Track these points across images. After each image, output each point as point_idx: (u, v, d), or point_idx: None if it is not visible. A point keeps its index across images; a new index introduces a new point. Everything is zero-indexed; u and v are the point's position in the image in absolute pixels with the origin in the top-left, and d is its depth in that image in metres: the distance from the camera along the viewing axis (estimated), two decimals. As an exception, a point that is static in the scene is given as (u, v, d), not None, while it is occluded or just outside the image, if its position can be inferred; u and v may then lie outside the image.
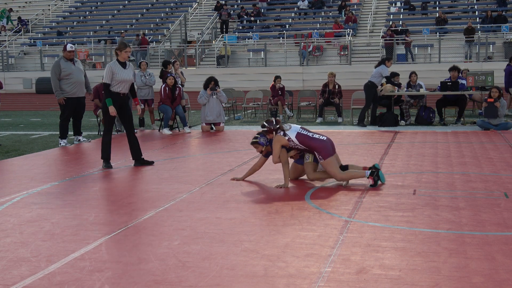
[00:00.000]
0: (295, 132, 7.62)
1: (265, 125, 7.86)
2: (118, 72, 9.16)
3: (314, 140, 7.55)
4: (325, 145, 7.52)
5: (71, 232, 5.70)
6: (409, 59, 27.36)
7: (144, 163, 9.41)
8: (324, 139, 7.58)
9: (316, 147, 7.52)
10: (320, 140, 7.55)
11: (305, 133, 7.63)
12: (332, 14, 32.48)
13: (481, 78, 14.72)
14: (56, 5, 39.46)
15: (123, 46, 9.27)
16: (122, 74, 9.19)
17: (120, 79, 9.18)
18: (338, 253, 4.92)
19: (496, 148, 10.55)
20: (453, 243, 5.12)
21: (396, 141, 11.59)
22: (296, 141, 7.58)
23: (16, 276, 4.54)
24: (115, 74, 9.14)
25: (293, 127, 7.73)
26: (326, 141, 7.56)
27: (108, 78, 9.15)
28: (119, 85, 9.20)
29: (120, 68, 9.20)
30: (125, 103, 9.46)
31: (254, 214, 6.27)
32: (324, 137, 7.63)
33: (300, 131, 7.65)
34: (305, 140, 7.57)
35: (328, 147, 7.52)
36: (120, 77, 9.16)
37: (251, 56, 29.55)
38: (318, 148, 7.51)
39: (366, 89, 14.32)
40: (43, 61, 30.91)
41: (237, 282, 4.32)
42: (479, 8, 30.89)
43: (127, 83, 9.30)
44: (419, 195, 7.00)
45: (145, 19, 35.85)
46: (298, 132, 7.62)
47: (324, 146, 7.51)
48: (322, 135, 7.69)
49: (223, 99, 14.00)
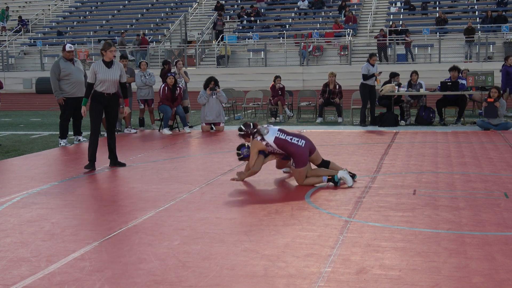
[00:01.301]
0: (273, 137, 7.51)
1: (242, 129, 7.78)
2: (100, 71, 9.10)
3: (292, 145, 7.44)
4: (302, 153, 7.41)
5: (71, 232, 5.70)
6: (409, 59, 27.36)
7: (117, 164, 9.39)
8: (301, 146, 7.43)
9: (293, 153, 7.45)
10: (297, 146, 7.42)
11: (284, 137, 7.50)
12: (332, 14, 32.47)
13: (481, 78, 14.72)
14: (56, 5, 39.44)
15: (108, 45, 9.23)
16: (105, 73, 9.12)
17: (102, 79, 9.10)
18: (338, 253, 4.92)
19: (496, 148, 10.55)
20: (453, 243, 5.12)
21: (396, 141, 11.59)
22: (274, 145, 7.50)
23: (16, 276, 4.54)
24: (97, 73, 9.09)
25: (271, 130, 7.58)
26: (304, 148, 7.42)
27: (91, 77, 9.13)
28: (102, 84, 9.12)
29: (103, 67, 9.15)
30: (111, 103, 9.33)
31: (254, 214, 6.27)
32: (302, 142, 7.47)
33: (278, 134, 7.51)
34: (283, 145, 7.47)
35: (304, 156, 7.42)
36: (102, 76, 9.09)
37: (251, 56, 29.54)
38: (295, 154, 7.44)
39: (360, 90, 14.46)
40: (43, 61, 30.89)
41: (237, 282, 4.32)
42: (479, 8, 30.88)
43: (110, 83, 9.20)
44: (419, 195, 7.00)
45: (145, 19, 35.84)
46: (276, 136, 7.51)
47: (301, 154, 7.41)
48: (301, 138, 7.53)
49: (223, 99, 14.00)
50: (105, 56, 9.24)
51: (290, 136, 7.51)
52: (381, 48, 27.37)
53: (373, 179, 7.94)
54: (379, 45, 27.38)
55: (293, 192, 7.38)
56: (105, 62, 9.21)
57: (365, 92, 14.19)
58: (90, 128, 9.37)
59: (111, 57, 9.28)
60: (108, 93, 9.22)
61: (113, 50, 9.27)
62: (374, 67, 14.17)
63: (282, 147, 7.49)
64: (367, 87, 14.20)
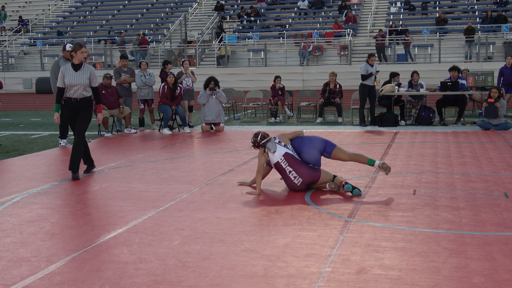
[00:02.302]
0: (276, 160, 7.22)
1: (251, 139, 7.51)
2: (67, 75, 8.46)
3: (288, 179, 7.21)
4: (294, 188, 7.23)
5: (71, 232, 5.70)
6: (408, 59, 27.36)
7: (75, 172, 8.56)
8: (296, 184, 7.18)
9: (287, 184, 7.29)
10: (292, 183, 7.20)
11: (285, 166, 7.17)
12: (332, 14, 32.46)
13: (481, 78, 14.72)
14: (56, 5, 39.43)
15: (79, 46, 8.59)
16: (71, 77, 8.47)
17: (69, 83, 8.45)
18: (338, 253, 4.92)
19: (496, 148, 10.55)
20: (453, 243, 5.12)
21: (396, 141, 11.59)
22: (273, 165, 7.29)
23: (16, 276, 4.54)
24: (65, 77, 8.48)
25: (278, 151, 7.25)
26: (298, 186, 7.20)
27: (61, 81, 8.50)
28: (69, 89, 8.49)
29: (71, 71, 8.50)
30: (80, 109, 8.58)
31: (254, 214, 6.27)
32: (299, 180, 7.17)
33: (281, 160, 7.19)
34: (281, 172, 7.24)
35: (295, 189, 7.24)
36: (68, 80, 8.45)
37: (251, 56, 29.53)
38: (287, 185, 7.29)
39: (359, 90, 14.47)
40: (43, 61, 30.87)
41: (237, 282, 4.32)
42: (479, 8, 30.87)
43: (78, 87, 8.48)
44: (419, 195, 7.00)
45: (145, 19, 35.82)
46: (278, 161, 7.20)
47: (293, 188, 7.23)
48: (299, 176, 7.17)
49: (223, 99, 14.00)
50: (74, 58, 8.57)
51: (290, 169, 7.18)
52: (380, 48, 27.38)
53: (373, 179, 7.94)
54: (378, 45, 27.39)
55: (293, 192, 7.37)
56: (73, 65, 8.54)
57: (364, 92, 14.20)
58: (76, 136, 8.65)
59: (82, 59, 8.61)
60: (76, 98, 8.53)
61: (84, 52, 8.59)
62: (373, 67, 14.16)
63: (279, 172, 7.32)
64: (366, 87, 14.21)
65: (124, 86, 14.22)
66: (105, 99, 13.44)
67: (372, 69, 14.13)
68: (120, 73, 14.28)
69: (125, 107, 13.81)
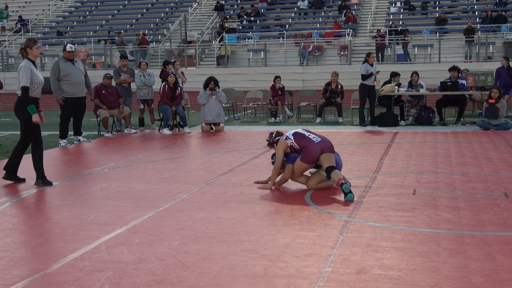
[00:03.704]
0: (294, 131, 7.52)
1: (266, 139, 7.86)
2: (35, 73, 7.86)
3: (307, 139, 7.35)
4: (312, 148, 7.25)
5: (71, 232, 5.70)
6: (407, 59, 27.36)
7: (14, 178, 8.17)
8: (315, 142, 7.28)
9: (305, 146, 7.31)
10: (311, 141, 7.30)
11: (302, 132, 7.50)
12: (332, 14, 32.45)
13: (481, 78, 14.73)
14: (56, 5, 39.41)
15: (33, 42, 7.94)
16: (39, 75, 7.92)
17: (38, 82, 7.88)
18: (338, 253, 4.92)
19: (496, 148, 10.55)
20: (453, 243, 5.12)
21: (396, 141, 11.59)
22: (293, 140, 7.37)
23: (16, 276, 4.54)
24: (33, 76, 7.82)
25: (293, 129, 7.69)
26: (316, 144, 7.25)
27: (28, 80, 7.75)
28: (35, 88, 7.88)
29: (34, 69, 7.89)
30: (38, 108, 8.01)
31: (254, 214, 6.27)
32: (318, 139, 7.33)
33: (298, 130, 7.54)
34: (301, 139, 7.38)
35: (313, 152, 7.24)
36: (38, 79, 7.87)
37: (251, 56, 29.52)
38: (306, 148, 7.30)
39: (359, 90, 14.46)
40: (43, 61, 30.88)
41: (237, 282, 4.32)
42: (479, 8, 30.87)
43: (40, 85, 7.94)
44: (419, 195, 7.00)
45: (145, 19, 35.81)
46: (296, 131, 7.51)
47: (311, 149, 7.25)
48: (318, 136, 7.40)
49: (223, 99, 14.00)
50: (30, 54, 7.92)
51: (308, 133, 7.48)
52: (379, 48, 27.38)
53: (373, 179, 7.94)
54: (377, 45, 27.39)
55: (293, 192, 7.37)
56: (33, 62, 7.94)
57: (364, 92, 14.19)
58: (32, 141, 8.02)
59: (38, 55, 8.01)
60: (38, 98, 8.02)
61: (39, 47, 7.98)
62: (373, 67, 14.14)
63: (299, 141, 7.37)
64: (366, 87, 14.20)
65: (123, 86, 14.22)
66: (105, 99, 13.46)
67: (372, 69, 14.10)
68: (120, 73, 14.29)
69: (125, 107, 13.81)
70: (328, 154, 7.26)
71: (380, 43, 27.31)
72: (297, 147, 7.40)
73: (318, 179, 7.39)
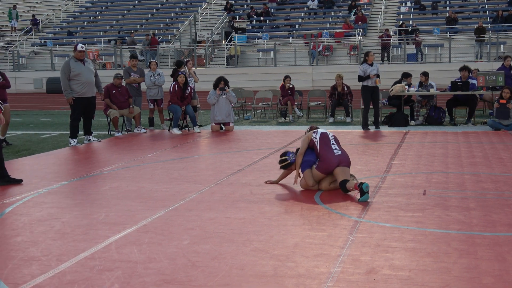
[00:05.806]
0: (324, 131, 7.54)
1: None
2: None
3: (328, 147, 7.33)
4: (330, 159, 7.24)
5: (81, 231, 5.72)
6: (419, 59, 27.26)
7: (10, 181, 8.20)
8: (334, 153, 7.29)
9: (323, 155, 7.29)
10: (331, 152, 7.29)
11: (329, 136, 7.48)
12: (342, 14, 32.40)
13: (492, 78, 14.64)
14: (67, 5, 39.60)
15: None
16: None
17: None
18: (348, 253, 4.91)
19: (506, 148, 10.49)
20: (463, 244, 5.10)
21: (406, 141, 11.55)
22: (318, 138, 7.40)
23: (26, 275, 4.56)
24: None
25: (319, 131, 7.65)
26: (335, 157, 7.25)
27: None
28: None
29: None
30: None
31: (264, 214, 6.27)
32: (338, 152, 7.34)
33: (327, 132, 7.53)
34: (324, 142, 7.37)
35: (330, 163, 7.23)
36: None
37: (260, 56, 29.53)
38: (323, 157, 7.29)
39: (361, 92, 13.82)
40: (54, 61, 31.02)
41: (246, 282, 4.32)
42: (489, 8, 30.73)
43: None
44: (429, 195, 6.97)
45: (155, 19, 35.91)
46: (326, 132, 7.53)
47: (329, 160, 7.24)
48: (339, 150, 7.38)
49: (232, 99, 14.00)
50: None
51: (334, 141, 7.45)
52: (385, 48, 27.28)
53: (383, 179, 7.92)
54: (383, 45, 27.30)
55: (303, 192, 7.37)
56: None
57: (367, 94, 13.62)
58: None
59: None
60: None
61: None
62: (373, 67, 13.52)
63: (321, 145, 7.36)
64: (368, 89, 13.58)
65: (133, 86, 14.27)
66: (115, 99, 13.50)
67: (371, 69, 13.48)
68: (130, 73, 14.33)
69: (135, 107, 13.85)
70: (344, 168, 7.29)
71: (385, 42, 27.20)
72: (317, 147, 7.40)
73: (330, 180, 7.38)
